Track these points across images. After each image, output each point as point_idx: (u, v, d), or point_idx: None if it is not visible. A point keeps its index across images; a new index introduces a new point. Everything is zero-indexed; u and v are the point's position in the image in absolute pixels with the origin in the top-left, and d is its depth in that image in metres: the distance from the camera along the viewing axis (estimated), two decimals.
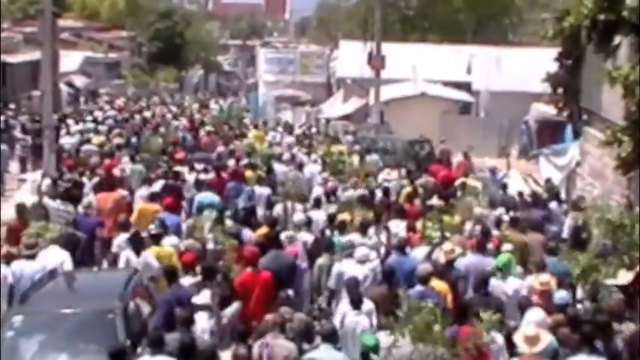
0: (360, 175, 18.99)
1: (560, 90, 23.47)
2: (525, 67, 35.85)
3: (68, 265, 11.17)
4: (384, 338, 8.66)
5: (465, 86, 39.75)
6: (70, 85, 49.49)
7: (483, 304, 9.68)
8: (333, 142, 27.22)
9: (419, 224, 13.71)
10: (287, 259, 11.61)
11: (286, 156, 22.41)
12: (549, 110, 29.91)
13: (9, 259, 11.20)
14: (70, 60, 54.26)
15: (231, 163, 20.42)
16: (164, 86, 67.84)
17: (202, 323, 9.51)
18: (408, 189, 17.48)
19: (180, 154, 21.23)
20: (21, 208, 13.82)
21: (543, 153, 19.77)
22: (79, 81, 51.99)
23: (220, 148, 23.20)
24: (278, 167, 20.33)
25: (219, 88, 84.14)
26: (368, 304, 10.04)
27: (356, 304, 9.87)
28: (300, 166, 20.46)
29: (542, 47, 39.46)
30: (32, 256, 11.10)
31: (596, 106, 19.35)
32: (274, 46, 66.55)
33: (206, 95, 71.30)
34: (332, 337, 8.81)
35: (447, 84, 39.37)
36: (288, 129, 33.95)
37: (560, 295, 10.11)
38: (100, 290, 9.51)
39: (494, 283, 10.81)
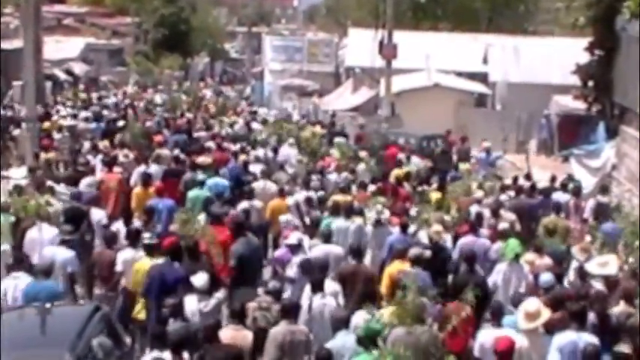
0: (340, 159, 19.46)
1: (589, 83, 21.63)
2: (545, 58, 34.66)
3: (55, 243, 11.41)
4: (362, 317, 8.83)
5: (481, 77, 38.08)
6: (68, 72, 48.11)
7: (467, 281, 9.98)
8: (305, 126, 27.83)
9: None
10: (255, 244, 11.61)
11: (263, 137, 24.00)
12: (572, 103, 28.67)
13: None
14: (71, 46, 53.29)
15: (210, 144, 21.02)
16: (169, 74, 66.40)
17: (192, 306, 9.32)
18: (396, 172, 17.81)
19: (159, 137, 21.62)
20: (18, 190, 13.97)
21: (574, 154, 17.95)
22: (78, 68, 50.71)
23: (202, 133, 23.92)
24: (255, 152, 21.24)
25: (226, 76, 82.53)
26: (332, 286, 10.16)
27: (316, 287, 9.80)
28: (275, 150, 21.10)
29: (563, 36, 37.91)
30: (68, 242, 11.24)
31: (633, 101, 17.59)
32: (281, 34, 64.89)
33: (213, 83, 69.82)
34: (347, 324, 8.76)
35: (461, 74, 37.83)
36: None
37: (545, 279, 10.17)
38: (48, 336, 7.68)
39: (503, 268, 11.25)
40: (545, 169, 25.73)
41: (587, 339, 8.52)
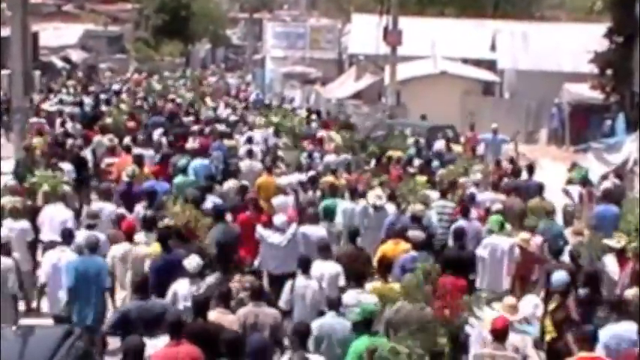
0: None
1: (607, 71, 20.55)
2: (556, 44, 33.68)
3: (70, 224, 12.02)
4: (352, 296, 9.35)
5: (489, 64, 36.93)
6: (66, 59, 47.28)
7: (458, 257, 10.92)
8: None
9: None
10: (233, 232, 11.82)
11: (232, 118, 25.54)
12: (584, 92, 27.68)
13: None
14: (69, 33, 52.69)
15: (195, 128, 21.94)
16: (169, 60, 65.58)
17: (183, 290, 9.44)
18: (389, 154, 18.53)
19: (131, 123, 22.48)
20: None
21: (593, 147, 16.97)
22: (76, 55, 50.06)
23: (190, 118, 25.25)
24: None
25: (228, 62, 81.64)
26: (334, 267, 10.43)
27: (302, 267, 10.04)
28: (277, 133, 22.11)
29: (571, 21, 36.87)
30: (93, 226, 11.59)
31: None
32: (283, 20, 63.88)
33: (218, 70, 69.13)
34: (337, 306, 9.01)
35: (468, 62, 36.87)
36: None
37: (558, 277, 9.85)
38: None
39: (489, 241, 11.76)
40: (556, 160, 24.80)
41: (626, 327, 8.68)
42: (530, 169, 16.29)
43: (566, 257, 11.22)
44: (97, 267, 10.12)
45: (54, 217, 12.49)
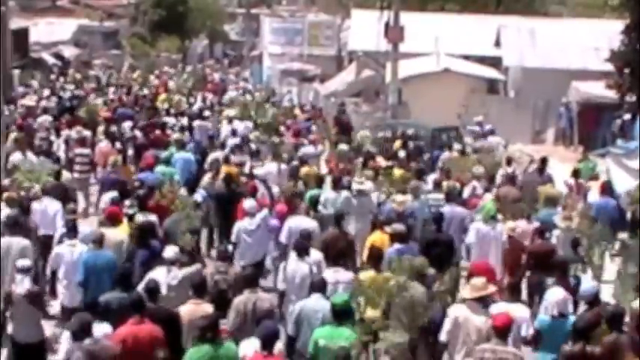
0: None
1: (619, 71, 19.55)
2: (563, 41, 32.56)
3: (60, 216, 12.70)
4: (329, 274, 10.03)
5: (493, 61, 35.90)
6: (57, 56, 46.31)
7: (435, 240, 11.69)
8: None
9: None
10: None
11: (207, 113, 26.99)
12: (593, 90, 26.90)
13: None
14: (63, 29, 51.97)
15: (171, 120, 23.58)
16: (166, 56, 64.76)
17: (160, 278, 9.65)
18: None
19: (105, 113, 23.49)
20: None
21: (611, 152, 16.02)
22: (69, 52, 49.14)
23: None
24: (198, 123, 23.97)
25: (225, 59, 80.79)
26: (315, 255, 10.86)
27: (299, 252, 10.63)
28: (256, 124, 23.60)
29: (582, 18, 36.00)
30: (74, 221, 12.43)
31: None
32: (280, 16, 63.05)
33: (220, 66, 68.46)
34: (322, 288, 9.30)
35: (472, 59, 35.73)
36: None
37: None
38: None
39: (478, 226, 12.41)
40: (564, 161, 23.86)
41: None
42: (544, 162, 17.15)
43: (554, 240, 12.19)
44: (105, 259, 10.64)
45: (46, 210, 12.98)
